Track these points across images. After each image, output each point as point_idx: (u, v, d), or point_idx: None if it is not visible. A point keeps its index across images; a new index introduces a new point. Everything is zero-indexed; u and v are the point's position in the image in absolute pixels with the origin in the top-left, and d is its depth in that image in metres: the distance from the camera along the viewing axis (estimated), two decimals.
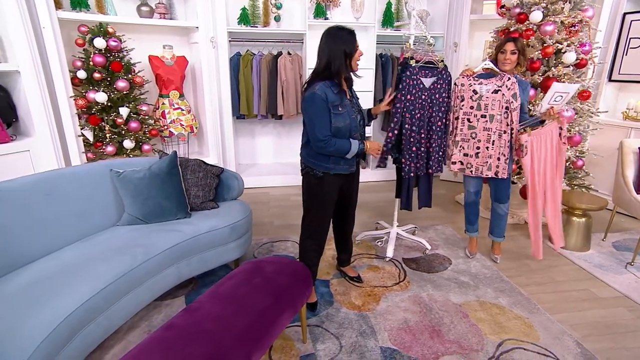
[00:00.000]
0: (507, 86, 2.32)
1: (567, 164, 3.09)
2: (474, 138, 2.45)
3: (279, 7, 3.96)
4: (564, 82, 2.93)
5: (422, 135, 2.38)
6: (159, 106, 3.74)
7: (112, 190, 2.30)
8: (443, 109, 2.41)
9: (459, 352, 1.84)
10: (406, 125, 2.29)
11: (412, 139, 2.34)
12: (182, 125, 3.80)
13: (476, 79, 2.42)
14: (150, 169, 2.30)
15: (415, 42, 2.59)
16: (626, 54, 3.49)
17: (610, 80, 3.64)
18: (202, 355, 1.32)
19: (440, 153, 2.48)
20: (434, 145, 2.42)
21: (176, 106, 3.77)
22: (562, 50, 2.91)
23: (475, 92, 2.40)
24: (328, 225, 2.17)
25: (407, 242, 2.94)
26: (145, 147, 3.48)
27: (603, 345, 1.90)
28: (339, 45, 1.84)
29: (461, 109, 2.44)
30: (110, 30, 3.18)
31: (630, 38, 3.44)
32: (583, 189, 3.14)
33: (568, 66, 2.95)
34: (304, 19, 3.94)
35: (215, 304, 1.59)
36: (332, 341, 1.91)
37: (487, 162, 2.41)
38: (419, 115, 2.32)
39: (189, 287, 2.36)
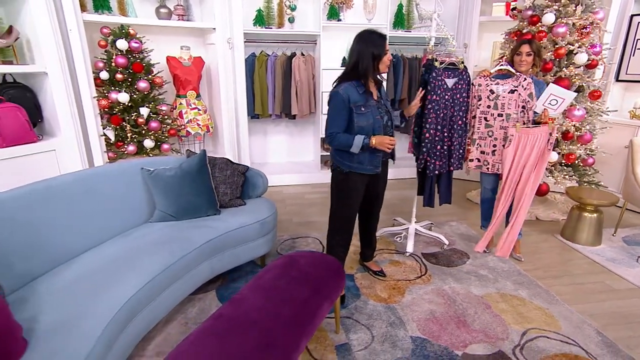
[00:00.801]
0: (523, 86, 2.41)
1: (577, 161, 3.19)
2: (490, 136, 2.53)
3: (293, 9, 4.04)
4: (573, 83, 3.04)
5: (445, 134, 2.47)
6: (176, 106, 3.80)
7: (144, 187, 2.37)
8: (463, 108, 2.49)
9: (485, 341, 1.93)
10: (432, 125, 2.37)
11: (437, 138, 2.43)
12: (198, 124, 3.86)
13: (493, 79, 2.50)
14: (181, 167, 2.37)
15: (436, 44, 2.66)
16: (633, 55, 3.59)
17: (617, 80, 3.74)
18: (255, 341, 1.40)
19: (461, 151, 2.57)
20: (455, 143, 2.51)
21: (193, 106, 3.83)
22: (574, 52, 3.01)
23: (492, 91, 2.49)
24: (354, 221, 2.25)
25: (425, 238, 3.03)
26: (165, 146, 3.55)
27: (622, 334, 1.99)
28: (369, 47, 1.93)
29: (478, 108, 2.53)
30: (131, 32, 3.24)
31: (637, 39, 3.54)
32: (592, 186, 3.24)
33: (579, 67, 3.05)
34: (318, 20, 4.02)
35: (258, 296, 1.67)
36: (364, 331, 1.99)
37: (502, 156, 2.49)
38: (442, 114, 2.41)
39: (217, 282, 2.43)
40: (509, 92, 2.43)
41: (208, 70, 4.06)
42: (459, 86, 2.43)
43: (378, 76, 2.09)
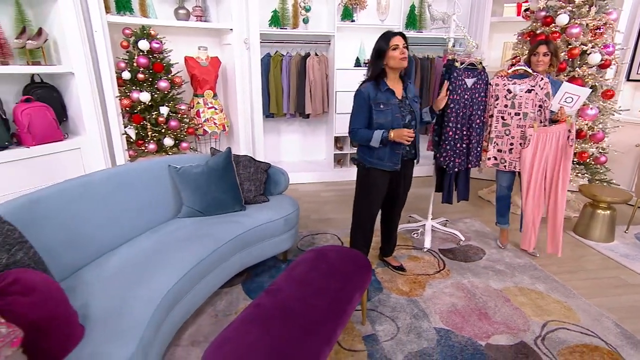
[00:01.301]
0: (540, 86, 2.47)
1: (590, 159, 3.25)
2: (507, 135, 2.60)
3: (307, 10, 4.10)
4: (586, 82, 3.10)
5: (464, 132, 2.53)
6: (193, 105, 3.87)
7: (171, 184, 2.44)
8: (482, 107, 2.56)
9: (507, 332, 1.99)
10: (452, 124, 2.44)
11: (456, 136, 2.49)
12: (215, 123, 3.93)
13: (510, 79, 2.57)
14: (207, 164, 2.44)
15: (454, 45, 2.73)
16: None
17: (628, 79, 3.80)
18: (296, 328, 1.47)
19: (479, 149, 2.63)
20: (473, 141, 2.57)
21: (210, 105, 3.91)
22: (587, 52, 3.07)
23: (509, 91, 2.55)
24: (375, 216, 2.32)
25: (440, 234, 3.10)
26: (184, 144, 3.62)
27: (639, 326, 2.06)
28: (375, 48, 2.06)
29: (496, 107, 2.60)
30: (152, 32, 3.32)
31: None
32: (605, 184, 3.30)
33: (592, 67, 3.11)
34: (331, 21, 4.09)
35: (292, 287, 1.74)
36: (389, 323, 2.06)
37: (520, 157, 2.56)
38: (461, 113, 2.47)
39: (242, 276, 2.50)
40: (526, 92, 2.49)
41: (224, 70, 4.13)
42: (478, 86, 2.50)
43: (399, 74, 2.16)
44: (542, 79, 2.47)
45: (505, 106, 2.57)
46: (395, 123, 2.10)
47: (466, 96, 2.46)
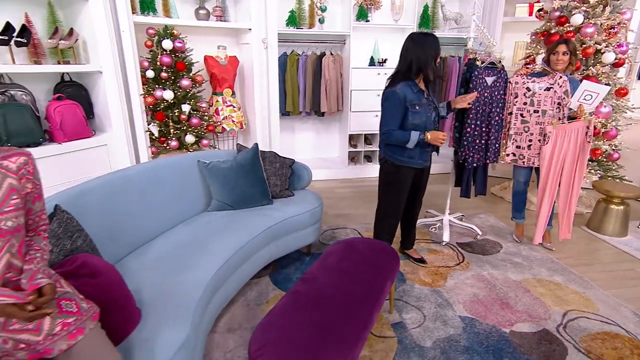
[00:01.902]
0: (558, 84, 2.55)
1: (603, 156, 3.32)
2: (526, 131, 2.67)
3: (323, 10, 4.18)
4: (600, 81, 3.17)
5: (483, 129, 2.61)
6: (212, 103, 3.96)
7: (200, 179, 2.53)
8: (500, 104, 2.64)
9: (529, 320, 2.07)
10: (472, 120, 2.52)
11: (476, 133, 2.57)
12: (233, 121, 4.02)
13: (529, 77, 2.64)
14: (235, 159, 2.53)
15: (472, 44, 2.80)
16: None
17: (639, 78, 3.87)
18: (335, 313, 1.56)
19: (497, 145, 2.71)
20: (491, 138, 2.65)
21: (228, 103, 3.99)
22: (601, 51, 3.14)
23: (528, 89, 2.62)
24: (401, 211, 2.41)
25: (457, 229, 3.17)
26: (204, 141, 3.71)
27: None
28: (426, 49, 2.07)
29: (515, 105, 2.67)
30: (175, 32, 3.41)
31: None
32: (617, 180, 3.37)
33: (606, 65, 3.18)
34: (347, 21, 4.17)
35: (327, 275, 1.83)
36: (415, 312, 2.14)
37: (539, 153, 2.63)
38: (481, 110, 2.55)
39: (269, 269, 2.58)
40: (545, 90, 2.57)
41: (241, 69, 4.22)
42: (497, 84, 2.58)
43: (440, 74, 2.23)
44: (560, 77, 2.54)
45: (525, 104, 2.64)
46: (428, 122, 2.18)
47: (486, 94, 2.54)
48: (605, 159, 3.36)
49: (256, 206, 2.50)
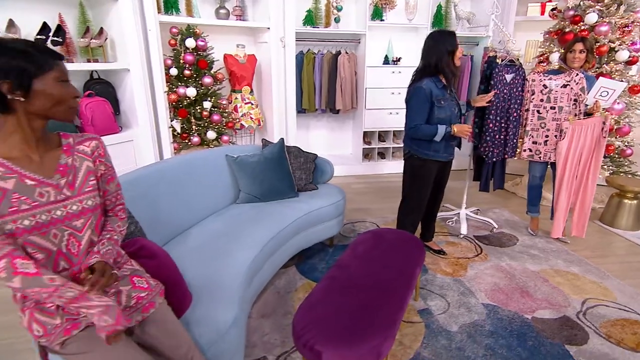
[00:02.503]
0: (575, 81, 2.63)
1: (616, 152, 3.40)
2: (543, 127, 2.75)
3: (339, 9, 4.27)
4: (614, 78, 3.24)
5: (502, 125, 2.70)
6: (231, 100, 4.06)
7: (228, 172, 2.62)
8: (519, 101, 2.72)
9: (550, 308, 2.16)
10: (492, 116, 2.61)
11: (496, 128, 2.66)
12: (251, 118, 4.12)
13: (546, 74, 2.72)
14: (263, 153, 2.62)
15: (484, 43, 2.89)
16: None
17: None
18: (370, 296, 1.65)
19: (515, 140, 2.79)
20: (510, 133, 2.73)
21: (247, 101, 4.09)
22: (615, 49, 3.21)
23: (545, 86, 2.70)
24: (425, 204, 2.49)
25: (473, 222, 3.26)
26: (224, 137, 3.81)
27: None
28: (444, 45, 2.17)
29: (531, 102, 2.75)
30: (197, 31, 3.50)
31: None
32: (629, 175, 3.45)
33: (619, 63, 3.25)
34: (362, 20, 4.25)
35: (359, 263, 1.92)
36: (439, 299, 2.23)
37: (555, 148, 2.71)
38: (501, 107, 2.64)
39: (294, 259, 2.66)
40: (561, 87, 2.64)
41: (258, 67, 4.30)
42: (516, 81, 2.66)
43: (454, 70, 2.30)
44: (577, 74, 2.62)
45: (541, 100, 2.72)
46: (453, 117, 2.27)
47: (505, 90, 2.63)
48: (617, 155, 3.43)
49: (283, 199, 2.59)
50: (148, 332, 1.13)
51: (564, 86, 2.65)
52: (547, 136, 2.74)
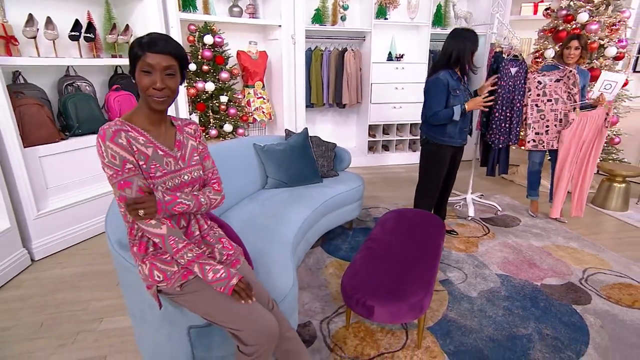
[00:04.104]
0: (567, 76, 2.87)
1: (606, 141, 3.69)
2: (543, 119, 3.00)
3: (345, 8, 4.48)
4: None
5: (507, 114, 2.94)
6: (244, 95, 4.22)
7: (256, 160, 2.79)
8: (522, 92, 2.97)
9: (555, 276, 2.41)
10: (498, 106, 2.85)
11: (501, 117, 2.91)
12: (263, 112, 4.29)
13: (540, 72, 2.96)
14: (289, 142, 2.81)
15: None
16: None
17: (634, 71, 4.27)
18: (405, 263, 1.86)
19: (518, 129, 3.04)
20: (514, 122, 2.98)
21: (259, 95, 4.26)
22: (604, 46, 3.51)
23: (539, 82, 2.95)
24: (439, 188, 2.72)
25: (478, 206, 3.51)
26: (240, 130, 3.97)
27: None
28: (468, 44, 2.38)
29: (529, 97, 2.99)
30: (214, 28, 3.66)
31: None
32: (618, 161, 3.75)
33: (608, 59, 3.55)
34: (366, 18, 4.47)
35: (389, 236, 2.13)
36: (457, 271, 2.46)
37: (556, 137, 2.97)
38: (506, 97, 2.88)
39: (319, 241, 2.85)
40: (554, 81, 2.89)
41: (268, 64, 4.47)
42: (519, 74, 2.91)
43: (472, 67, 2.52)
44: (570, 71, 2.86)
45: (538, 95, 2.96)
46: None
47: (510, 82, 2.87)
48: (607, 144, 3.73)
49: (309, 184, 2.78)
50: None
51: (557, 81, 2.90)
52: (547, 126, 3.00)
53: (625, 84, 3.53)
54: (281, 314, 1.36)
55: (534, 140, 3.06)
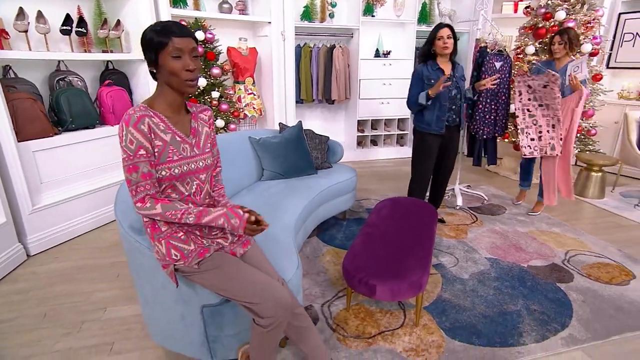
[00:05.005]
0: (552, 81, 2.93)
1: (582, 133, 3.89)
2: (535, 124, 3.05)
3: (334, 6, 4.56)
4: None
5: (492, 106, 3.08)
6: (235, 91, 4.25)
7: (251, 153, 2.83)
8: (506, 86, 3.11)
9: (540, 258, 2.55)
10: (482, 99, 2.98)
11: (486, 109, 3.04)
12: (254, 108, 4.32)
13: (529, 75, 3.03)
14: (283, 135, 2.86)
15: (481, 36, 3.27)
16: (621, 46, 4.35)
17: (607, 67, 4.50)
18: (403, 245, 1.95)
19: (504, 121, 3.18)
20: (499, 114, 3.12)
21: (250, 91, 4.29)
22: (581, 42, 3.69)
23: (529, 86, 3.03)
24: (429, 174, 2.83)
25: (465, 196, 3.65)
26: (232, 126, 3.99)
27: (636, 250, 2.67)
28: (428, 38, 2.57)
29: (520, 101, 3.06)
30: (205, 24, 3.67)
31: (624, 33, 4.30)
32: (594, 152, 3.96)
33: (584, 54, 3.73)
34: (354, 15, 4.57)
35: (385, 222, 2.22)
36: (449, 256, 2.57)
37: (550, 143, 3.03)
38: (491, 90, 3.02)
39: (315, 231, 2.92)
40: (542, 87, 2.96)
41: (259, 60, 4.51)
42: (504, 68, 3.05)
43: (448, 57, 2.63)
44: (552, 74, 2.83)
45: (529, 100, 3.04)
46: (442, 95, 2.60)
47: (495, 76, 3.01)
48: (584, 136, 3.93)
49: (304, 175, 2.84)
50: (249, 263, 1.37)
51: (545, 86, 2.97)
52: (540, 132, 3.08)
53: (599, 78, 3.75)
54: (291, 292, 1.42)
55: (529, 147, 3.05)
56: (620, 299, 2.11)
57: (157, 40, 1.14)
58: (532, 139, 3.05)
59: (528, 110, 3.07)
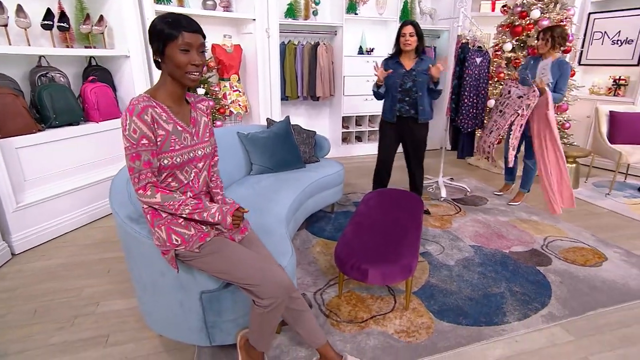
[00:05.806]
0: (528, 97, 2.98)
1: (558, 126, 4.07)
2: (497, 129, 3.16)
3: (317, 3, 4.61)
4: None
5: (474, 100, 3.20)
6: (220, 88, 4.24)
7: (240, 148, 2.86)
8: (485, 80, 3.24)
9: (521, 244, 2.68)
10: (466, 93, 3.10)
11: (469, 103, 3.15)
12: (239, 105, 4.33)
13: (516, 84, 3.08)
14: (272, 130, 2.90)
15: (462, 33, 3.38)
16: (591, 44, 4.57)
17: (579, 64, 4.72)
18: (393, 233, 2.03)
19: (483, 114, 3.31)
20: (479, 108, 3.25)
21: (235, 88, 4.29)
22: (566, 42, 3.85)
23: (509, 92, 3.15)
24: (388, 159, 2.99)
25: (449, 189, 3.77)
26: (218, 123, 3.99)
27: (607, 235, 2.84)
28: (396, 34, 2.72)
29: (497, 100, 3.16)
30: None
31: (594, 32, 4.52)
32: (569, 144, 4.15)
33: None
34: (337, 13, 4.63)
35: (374, 211, 2.29)
36: (435, 245, 2.66)
37: (482, 146, 3.18)
38: (473, 85, 3.14)
39: (304, 224, 2.97)
40: (517, 97, 3.05)
41: (243, 57, 4.52)
42: (483, 64, 3.17)
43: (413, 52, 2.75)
44: (533, 90, 2.89)
45: (502, 103, 3.16)
46: (394, 85, 2.79)
47: (476, 71, 3.13)
48: (559, 129, 4.11)
49: (293, 169, 2.89)
50: (247, 248, 1.41)
51: (519, 97, 3.06)
52: (490, 131, 3.19)
53: (572, 74, 3.92)
54: (288, 275, 1.47)
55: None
56: (594, 279, 2.25)
57: (167, 32, 1.16)
58: (491, 144, 3.17)
59: (500, 111, 3.17)
